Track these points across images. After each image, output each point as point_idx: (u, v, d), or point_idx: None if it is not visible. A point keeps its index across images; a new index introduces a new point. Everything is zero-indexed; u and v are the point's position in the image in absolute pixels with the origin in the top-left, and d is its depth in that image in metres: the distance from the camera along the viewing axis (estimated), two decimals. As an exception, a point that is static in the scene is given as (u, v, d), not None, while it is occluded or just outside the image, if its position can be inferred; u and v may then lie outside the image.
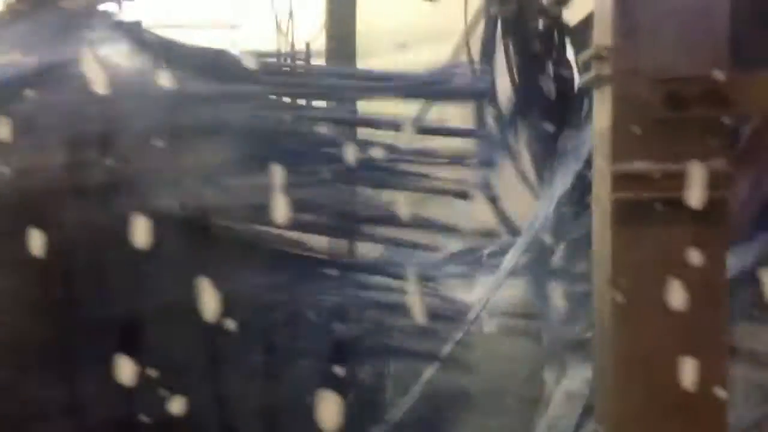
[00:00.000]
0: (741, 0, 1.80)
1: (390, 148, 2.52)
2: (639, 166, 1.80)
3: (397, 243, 2.59)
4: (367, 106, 2.87)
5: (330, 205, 2.44)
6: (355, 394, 2.37)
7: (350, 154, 2.41)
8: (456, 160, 2.55)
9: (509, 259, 3.13)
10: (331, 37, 5.12)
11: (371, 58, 5.08)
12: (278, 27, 5.69)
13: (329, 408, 2.08)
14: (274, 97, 2.62)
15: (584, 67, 2.02)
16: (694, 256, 1.78)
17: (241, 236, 2.29)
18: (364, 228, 2.57)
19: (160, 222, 2.11)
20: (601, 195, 1.90)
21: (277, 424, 2.33)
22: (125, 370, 2.10)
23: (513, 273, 3.08)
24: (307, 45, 5.45)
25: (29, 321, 2.22)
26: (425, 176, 2.52)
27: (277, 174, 2.21)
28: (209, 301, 2.10)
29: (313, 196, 2.39)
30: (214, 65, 2.43)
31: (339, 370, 2.32)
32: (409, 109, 2.88)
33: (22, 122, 2.20)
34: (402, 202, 2.49)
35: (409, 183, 2.54)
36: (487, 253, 3.56)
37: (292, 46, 5.43)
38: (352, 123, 2.77)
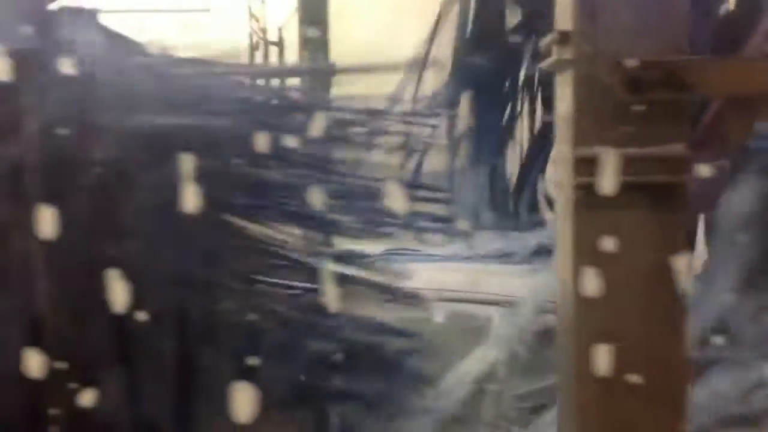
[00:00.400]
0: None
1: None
2: (600, 150, 1.80)
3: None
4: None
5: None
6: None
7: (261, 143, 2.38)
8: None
9: None
10: (303, 21, 5.10)
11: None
12: (250, 11, 5.67)
13: (244, 399, 2.08)
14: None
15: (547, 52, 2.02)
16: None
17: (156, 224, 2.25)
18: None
19: (69, 207, 2.09)
20: (564, 179, 1.90)
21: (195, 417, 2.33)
22: (35, 363, 2.08)
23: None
24: (279, 30, 5.44)
25: None
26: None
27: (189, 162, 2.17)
28: (122, 292, 2.08)
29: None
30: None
31: (255, 362, 2.32)
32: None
33: None
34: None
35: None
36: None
37: (264, 30, 5.42)
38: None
